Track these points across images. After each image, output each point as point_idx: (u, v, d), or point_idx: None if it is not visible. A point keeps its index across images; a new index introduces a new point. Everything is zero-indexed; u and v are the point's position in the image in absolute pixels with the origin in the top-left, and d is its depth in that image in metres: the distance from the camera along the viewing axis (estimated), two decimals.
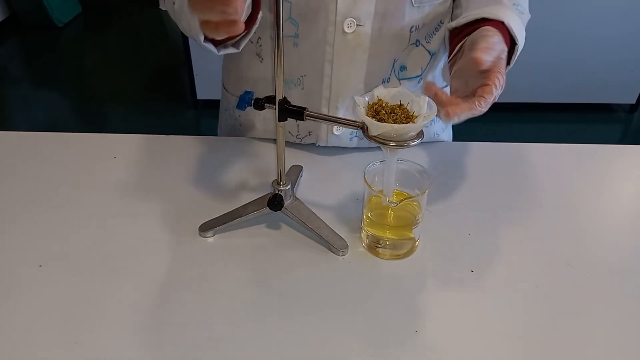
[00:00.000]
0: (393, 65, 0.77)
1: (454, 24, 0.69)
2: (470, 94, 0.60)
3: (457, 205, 0.74)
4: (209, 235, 0.68)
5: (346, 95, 0.77)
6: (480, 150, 0.85)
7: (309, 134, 0.83)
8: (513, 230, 0.70)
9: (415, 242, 0.66)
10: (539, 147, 0.87)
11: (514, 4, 0.70)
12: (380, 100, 0.60)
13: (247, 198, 0.71)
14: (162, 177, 0.78)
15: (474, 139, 0.87)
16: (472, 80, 0.61)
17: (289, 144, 0.84)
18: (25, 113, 2.76)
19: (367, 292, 0.61)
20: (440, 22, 0.77)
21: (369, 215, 0.65)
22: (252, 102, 0.63)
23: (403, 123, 0.57)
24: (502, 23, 0.64)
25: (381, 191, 0.63)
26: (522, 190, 0.78)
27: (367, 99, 0.60)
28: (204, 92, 2.62)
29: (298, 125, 0.82)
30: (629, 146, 0.90)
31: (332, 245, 0.65)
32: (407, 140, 0.57)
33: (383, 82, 0.78)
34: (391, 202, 0.63)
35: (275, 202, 0.65)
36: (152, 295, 0.60)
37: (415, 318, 0.58)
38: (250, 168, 0.80)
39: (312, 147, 0.84)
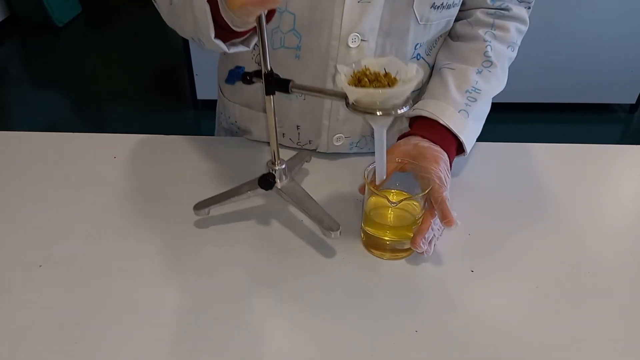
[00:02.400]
0: None
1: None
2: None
3: (457, 206, 0.74)
4: (203, 214, 0.68)
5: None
6: (480, 150, 0.85)
7: (309, 142, 0.83)
8: (513, 230, 0.70)
9: None
10: (539, 147, 0.87)
11: (467, 90, 0.73)
12: (366, 68, 0.56)
13: (246, 196, 0.71)
14: (162, 177, 0.78)
15: None
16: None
17: (290, 147, 0.85)
18: (25, 113, 2.76)
19: (367, 292, 0.61)
20: (441, 35, 0.77)
21: (369, 215, 0.65)
22: (241, 76, 0.62)
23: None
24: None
25: (382, 192, 0.63)
26: (522, 190, 0.78)
27: (354, 67, 0.56)
28: (204, 92, 2.62)
29: (299, 133, 0.82)
30: (629, 146, 0.90)
31: (323, 226, 0.64)
32: (390, 109, 0.53)
33: None
34: (391, 202, 0.63)
35: (266, 180, 0.65)
36: (152, 295, 0.60)
37: (415, 318, 0.58)
38: (250, 168, 0.80)
39: (313, 151, 0.84)
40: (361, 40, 0.70)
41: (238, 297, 0.60)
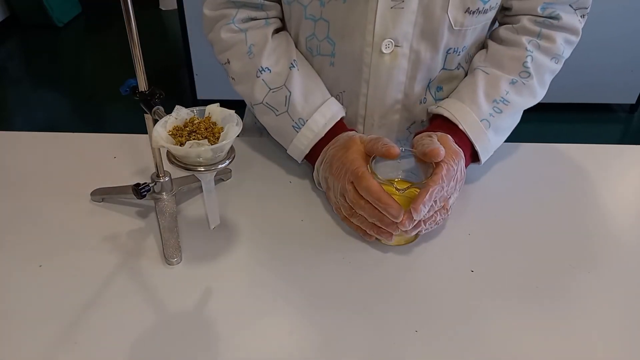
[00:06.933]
0: (428, 86, 0.76)
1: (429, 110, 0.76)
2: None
3: (457, 206, 0.74)
4: (97, 200, 0.72)
5: (382, 114, 0.77)
6: None
7: None
8: (513, 230, 0.70)
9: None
10: (539, 147, 0.87)
11: (494, 100, 0.72)
12: (194, 118, 0.57)
13: (247, 196, 0.71)
14: None
15: None
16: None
17: None
18: (25, 113, 2.76)
19: (366, 292, 0.61)
20: (480, 44, 0.77)
21: None
22: (130, 89, 0.64)
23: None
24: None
25: (389, 180, 0.62)
26: (522, 190, 0.78)
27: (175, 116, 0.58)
28: (204, 92, 2.62)
29: None
30: (629, 146, 0.90)
31: (165, 250, 0.64)
32: (194, 165, 0.53)
33: (420, 102, 0.77)
34: (399, 189, 0.62)
35: (136, 190, 0.66)
36: (152, 295, 0.60)
37: (415, 318, 0.58)
38: (252, 167, 0.80)
39: None
40: (395, 46, 0.69)
41: (236, 297, 0.60)
